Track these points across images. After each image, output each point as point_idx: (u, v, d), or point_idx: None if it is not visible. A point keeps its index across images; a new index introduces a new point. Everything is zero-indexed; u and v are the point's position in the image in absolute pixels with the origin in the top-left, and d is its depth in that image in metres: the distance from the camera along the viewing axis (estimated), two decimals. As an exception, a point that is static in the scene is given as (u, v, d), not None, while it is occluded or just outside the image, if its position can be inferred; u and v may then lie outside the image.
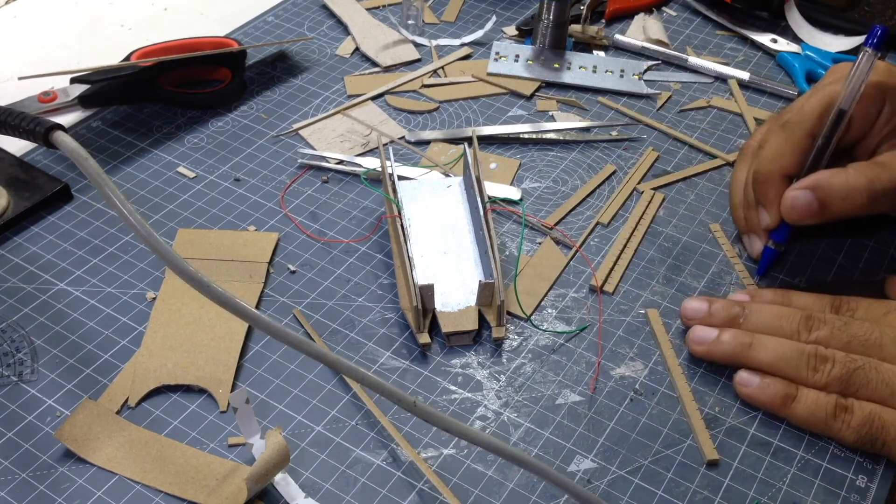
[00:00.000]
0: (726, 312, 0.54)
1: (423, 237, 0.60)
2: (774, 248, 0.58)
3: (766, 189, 0.56)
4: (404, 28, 0.81)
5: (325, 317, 0.56)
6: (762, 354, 0.51)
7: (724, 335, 0.53)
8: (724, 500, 0.47)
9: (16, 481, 0.47)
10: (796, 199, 0.54)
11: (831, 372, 0.50)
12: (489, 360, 0.54)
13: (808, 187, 0.54)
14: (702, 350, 0.53)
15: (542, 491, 0.47)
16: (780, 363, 0.51)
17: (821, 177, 0.54)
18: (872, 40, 0.53)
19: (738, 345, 0.52)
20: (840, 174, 0.54)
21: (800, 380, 0.50)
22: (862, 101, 0.54)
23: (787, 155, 0.56)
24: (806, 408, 0.50)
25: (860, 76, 0.53)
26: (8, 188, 0.63)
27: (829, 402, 0.49)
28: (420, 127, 0.71)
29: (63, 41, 0.81)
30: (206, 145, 0.69)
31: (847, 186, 0.53)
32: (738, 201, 0.61)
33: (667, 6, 0.86)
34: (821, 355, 0.50)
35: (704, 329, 0.54)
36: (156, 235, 0.42)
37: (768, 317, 0.53)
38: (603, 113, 0.73)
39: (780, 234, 0.57)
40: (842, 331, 0.52)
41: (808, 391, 0.50)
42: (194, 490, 0.46)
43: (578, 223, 0.63)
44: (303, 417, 0.50)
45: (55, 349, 0.54)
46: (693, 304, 0.55)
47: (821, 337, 0.52)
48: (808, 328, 0.52)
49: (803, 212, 0.54)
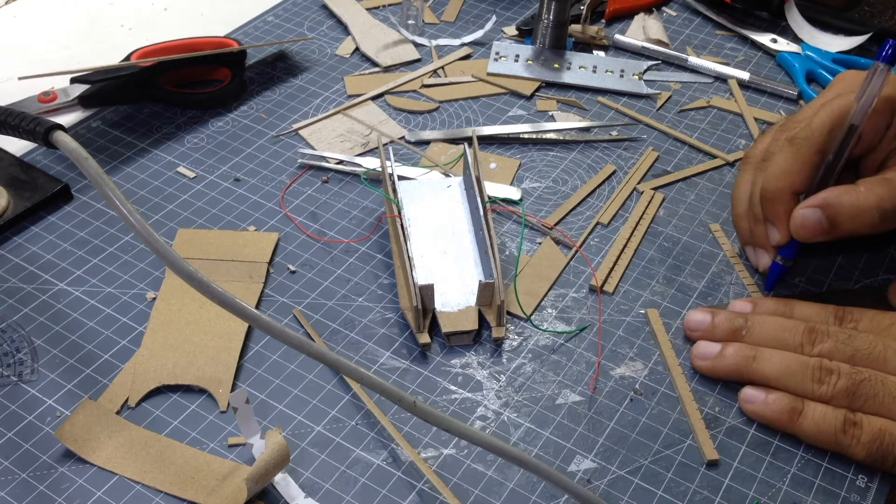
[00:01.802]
0: (729, 325, 0.53)
1: (423, 237, 0.60)
2: (783, 264, 0.57)
3: (774, 206, 0.55)
4: (404, 28, 0.81)
5: (325, 317, 0.56)
6: (766, 368, 0.51)
7: (728, 350, 0.52)
8: (724, 500, 0.47)
9: (16, 481, 0.47)
10: (806, 217, 0.53)
11: (837, 384, 0.49)
12: (489, 360, 0.54)
13: (818, 206, 0.53)
14: (705, 365, 0.53)
15: (542, 491, 0.47)
16: (784, 376, 0.50)
17: (830, 195, 0.53)
18: (885, 54, 0.52)
19: (741, 359, 0.52)
20: (850, 192, 0.52)
21: (805, 393, 0.50)
22: (872, 115, 0.53)
23: (796, 172, 0.54)
24: (814, 423, 0.49)
25: (872, 91, 0.52)
26: (8, 188, 0.63)
27: (838, 418, 0.48)
28: (420, 127, 0.71)
29: (63, 41, 0.81)
30: (206, 145, 0.69)
31: (857, 205, 0.52)
32: (742, 212, 0.59)
33: (667, 6, 0.86)
34: (825, 368, 0.50)
35: (708, 345, 0.53)
36: (156, 235, 0.42)
37: (771, 329, 0.53)
38: (603, 113, 0.73)
39: (788, 250, 0.56)
40: (846, 344, 0.51)
41: (815, 406, 0.49)
42: (194, 490, 0.46)
43: (578, 223, 0.63)
44: (303, 417, 0.50)
45: (55, 349, 0.54)
46: (696, 317, 0.55)
47: (824, 350, 0.51)
48: (812, 341, 0.51)
49: (813, 230, 0.53)
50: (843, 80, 0.58)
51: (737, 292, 0.58)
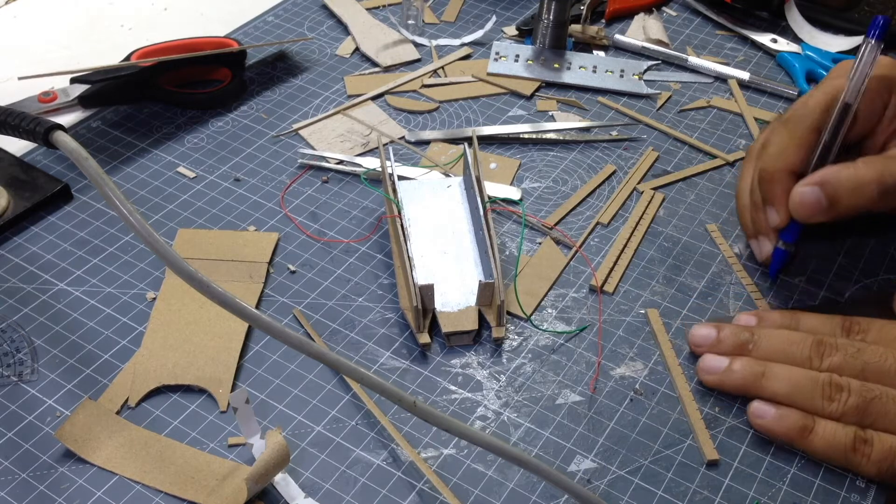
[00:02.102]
0: (735, 339, 0.53)
1: (423, 237, 0.60)
2: (785, 249, 0.57)
3: (772, 187, 0.55)
4: (404, 28, 0.81)
5: (325, 317, 0.56)
6: (775, 384, 0.50)
7: (735, 364, 0.51)
8: (724, 500, 0.47)
9: (16, 481, 0.47)
10: (804, 195, 0.53)
11: (847, 401, 0.48)
12: (489, 360, 0.54)
13: (816, 183, 0.52)
14: (713, 380, 0.52)
15: (542, 491, 0.47)
16: (793, 393, 0.49)
17: (829, 172, 0.52)
18: (875, 31, 0.52)
19: (749, 374, 0.51)
20: (849, 168, 0.52)
21: (814, 410, 0.49)
22: (867, 95, 0.53)
23: (793, 151, 0.55)
24: (824, 440, 0.48)
25: (864, 68, 0.52)
26: (8, 188, 0.63)
27: (848, 435, 0.48)
28: (420, 127, 0.71)
29: (63, 41, 0.81)
30: (206, 145, 0.69)
31: (856, 180, 0.52)
32: (745, 204, 0.59)
33: (667, 6, 0.86)
34: (835, 384, 0.49)
35: (715, 358, 0.52)
36: (156, 235, 0.42)
37: (778, 343, 0.52)
38: (603, 113, 0.73)
39: (789, 233, 0.56)
40: (855, 357, 0.50)
41: (826, 423, 0.48)
42: (194, 490, 0.46)
43: (578, 223, 0.63)
44: (303, 417, 0.50)
45: (55, 349, 0.54)
46: (701, 331, 0.54)
47: (833, 364, 0.50)
48: (820, 355, 0.51)
49: (812, 208, 0.53)
50: (841, 67, 0.58)
51: (737, 292, 0.58)
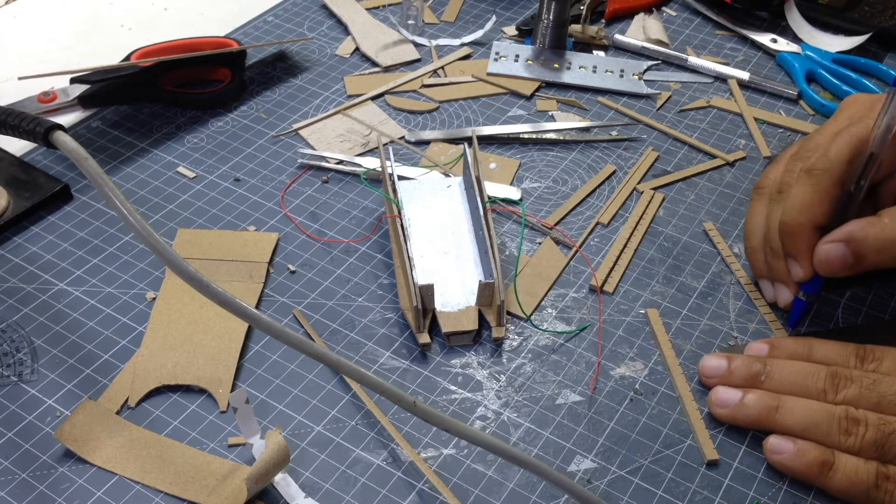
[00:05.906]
0: (747, 370, 0.51)
1: (423, 237, 0.60)
2: (806, 300, 0.55)
3: (796, 241, 0.53)
4: (404, 28, 0.81)
5: (325, 317, 0.56)
6: (790, 419, 0.49)
7: (748, 398, 0.50)
8: (724, 500, 0.47)
9: (16, 481, 0.47)
10: (830, 252, 0.51)
11: (865, 436, 0.47)
12: (489, 360, 0.54)
13: (842, 240, 0.51)
14: (725, 413, 0.50)
15: (542, 491, 0.47)
16: (809, 427, 0.48)
17: (854, 228, 0.51)
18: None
19: (763, 409, 0.49)
20: (875, 225, 0.51)
21: (831, 445, 0.48)
22: (891, 141, 0.51)
23: (817, 205, 0.52)
24: (846, 477, 0.46)
25: (890, 118, 0.50)
26: (8, 188, 0.63)
27: (870, 472, 0.46)
28: (420, 127, 0.71)
29: (63, 41, 0.81)
30: (206, 145, 0.69)
31: (883, 238, 0.50)
32: (757, 244, 0.57)
33: (667, 6, 0.86)
34: (852, 418, 0.48)
35: (727, 391, 0.51)
36: (156, 235, 0.42)
37: (792, 374, 0.50)
38: (603, 113, 0.73)
39: (811, 286, 0.54)
40: (871, 390, 0.49)
41: (847, 459, 0.47)
42: (194, 490, 0.46)
43: (578, 223, 0.63)
44: (303, 417, 0.50)
45: (55, 349, 0.54)
46: (712, 363, 0.52)
47: (849, 396, 0.49)
48: (835, 387, 0.49)
49: (838, 265, 0.51)
50: (854, 104, 0.57)
51: (736, 292, 0.58)
